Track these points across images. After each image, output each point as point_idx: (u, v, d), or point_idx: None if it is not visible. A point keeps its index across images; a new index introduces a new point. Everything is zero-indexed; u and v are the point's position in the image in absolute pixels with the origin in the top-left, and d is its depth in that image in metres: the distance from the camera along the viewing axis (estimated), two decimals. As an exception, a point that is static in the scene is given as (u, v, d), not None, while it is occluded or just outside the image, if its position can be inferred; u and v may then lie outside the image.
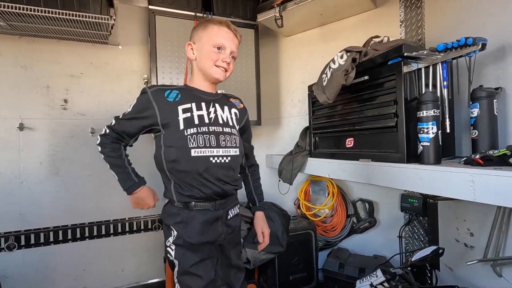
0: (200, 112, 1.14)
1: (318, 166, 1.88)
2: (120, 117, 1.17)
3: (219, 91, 1.29)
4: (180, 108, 1.12)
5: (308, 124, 2.05)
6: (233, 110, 1.26)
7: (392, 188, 1.30)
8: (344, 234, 2.18)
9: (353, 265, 1.95)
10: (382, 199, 2.07)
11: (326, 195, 2.21)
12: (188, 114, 1.12)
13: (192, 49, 1.19)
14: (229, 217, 1.20)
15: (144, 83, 2.30)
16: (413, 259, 1.34)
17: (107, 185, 2.20)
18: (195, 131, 1.11)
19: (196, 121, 1.12)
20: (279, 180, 2.14)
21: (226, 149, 1.15)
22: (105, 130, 1.19)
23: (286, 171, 2.08)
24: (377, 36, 1.75)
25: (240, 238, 1.35)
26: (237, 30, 1.19)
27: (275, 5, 2.07)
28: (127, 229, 2.29)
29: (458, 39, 1.07)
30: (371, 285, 1.52)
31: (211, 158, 1.11)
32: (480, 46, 1.05)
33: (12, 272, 1.98)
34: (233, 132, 1.21)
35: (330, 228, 2.21)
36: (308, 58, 2.39)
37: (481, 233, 1.29)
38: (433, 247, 1.30)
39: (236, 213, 1.26)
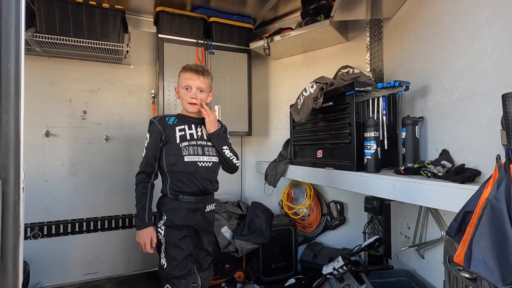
0: (190, 131, 1.59)
1: (296, 172, 2.27)
2: (144, 151, 1.56)
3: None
4: (177, 128, 1.56)
5: (289, 137, 2.44)
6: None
7: (356, 192, 1.67)
8: (319, 230, 2.56)
9: (324, 255, 2.32)
10: (351, 201, 2.46)
11: (305, 196, 2.60)
12: (182, 133, 1.57)
13: (177, 92, 1.65)
14: (206, 210, 1.63)
15: (152, 97, 2.68)
16: (362, 246, 1.72)
17: (117, 185, 2.58)
18: (187, 144, 1.56)
19: (188, 137, 1.57)
20: (265, 183, 2.53)
21: (209, 157, 1.60)
22: (140, 170, 1.55)
23: (270, 175, 2.46)
24: (344, 67, 2.16)
25: (213, 229, 1.79)
26: (199, 71, 1.58)
27: (264, 37, 2.47)
28: (133, 223, 2.65)
29: (389, 82, 1.47)
30: (334, 268, 1.90)
31: (198, 163, 1.57)
32: (404, 87, 1.45)
33: (36, 257, 2.33)
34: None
35: (308, 225, 2.59)
36: (292, 79, 2.80)
37: (413, 226, 1.68)
38: (376, 237, 1.69)
39: (212, 208, 1.68)
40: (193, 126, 1.61)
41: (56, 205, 2.41)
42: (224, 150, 1.62)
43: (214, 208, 1.71)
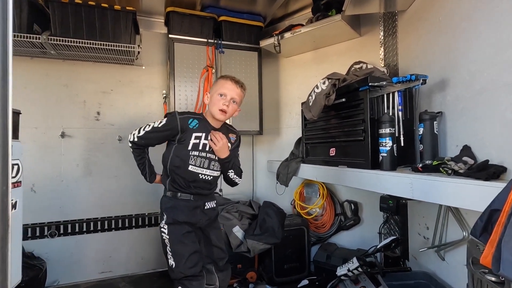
0: (205, 141, 1.58)
1: (308, 171, 2.22)
2: (149, 129, 1.57)
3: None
4: (194, 134, 1.56)
5: (301, 135, 2.40)
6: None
7: (370, 190, 1.61)
8: (333, 231, 2.50)
9: (338, 256, 2.26)
10: (365, 200, 2.39)
11: (318, 196, 2.54)
12: (197, 141, 1.56)
13: (208, 97, 1.64)
14: (205, 207, 1.64)
15: (163, 98, 2.70)
16: (378, 247, 1.66)
17: (130, 185, 2.60)
18: (197, 154, 1.57)
19: (200, 147, 1.57)
20: (277, 183, 2.49)
21: (211, 171, 1.62)
22: (133, 138, 1.58)
23: (282, 174, 2.42)
24: (357, 63, 2.10)
25: (219, 225, 1.80)
26: (239, 82, 1.60)
27: (274, 34, 2.44)
28: (146, 222, 2.68)
29: (405, 76, 1.41)
30: (348, 269, 1.84)
31: (200, 175, 1.58)
32: (421, 81, 1.39)
33: (53, 256, 2.38)
34: None
35: (321, 225, 2.54)
36: (303, 77, 2.75)
37: (432, 226, 1.61)
38: (393, 237, 1.62)
39: (212, 206, 1.69)
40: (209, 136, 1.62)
41: (72, 204, 2.45)
42: (229, 173, 1.67)
43: (214, 205, 1.72)
